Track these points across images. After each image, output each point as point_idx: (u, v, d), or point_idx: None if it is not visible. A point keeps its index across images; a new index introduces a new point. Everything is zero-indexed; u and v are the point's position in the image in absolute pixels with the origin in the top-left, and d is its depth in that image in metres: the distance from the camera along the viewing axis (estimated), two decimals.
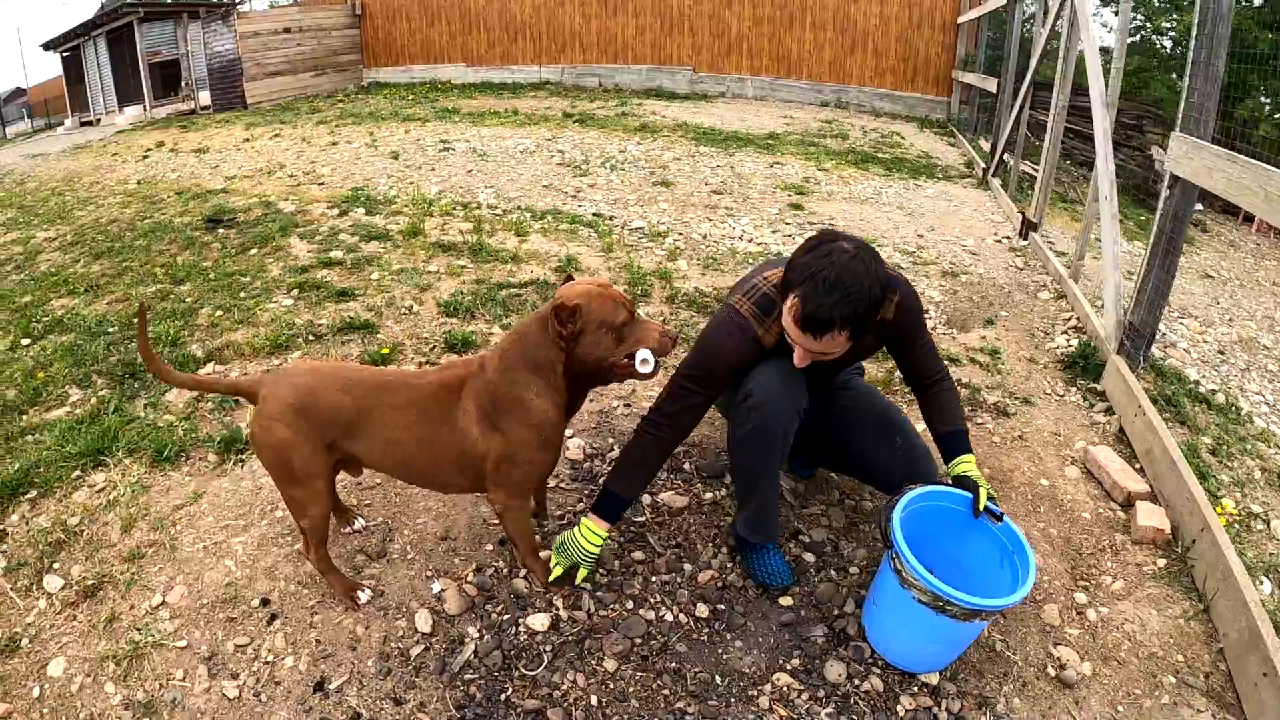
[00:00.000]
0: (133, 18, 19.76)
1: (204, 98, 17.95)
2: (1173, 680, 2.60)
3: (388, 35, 18.59)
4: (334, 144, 10.52)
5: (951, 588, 2.27)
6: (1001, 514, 2.56)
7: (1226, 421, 4.30)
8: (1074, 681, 2.57)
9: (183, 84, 19.94)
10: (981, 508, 2.55)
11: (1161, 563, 3.11)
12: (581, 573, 2.68)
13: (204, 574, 2.83)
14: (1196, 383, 4.68)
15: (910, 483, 2.63)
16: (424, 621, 2.60)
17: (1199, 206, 9.77)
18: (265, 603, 2.70)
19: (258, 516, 3.11)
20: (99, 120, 21.52)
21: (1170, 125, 4.13)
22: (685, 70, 16.30)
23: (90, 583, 2.80)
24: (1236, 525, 3.34)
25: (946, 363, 4.17)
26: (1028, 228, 7.06)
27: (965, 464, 2.70)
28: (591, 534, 2.63)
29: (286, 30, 17.29)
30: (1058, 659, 2.65)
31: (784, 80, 15.89)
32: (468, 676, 2.43)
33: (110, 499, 3.22)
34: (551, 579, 2.67)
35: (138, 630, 2.61)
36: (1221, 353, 5.53)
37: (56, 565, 2.91)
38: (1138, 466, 3.68)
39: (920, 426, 3.04)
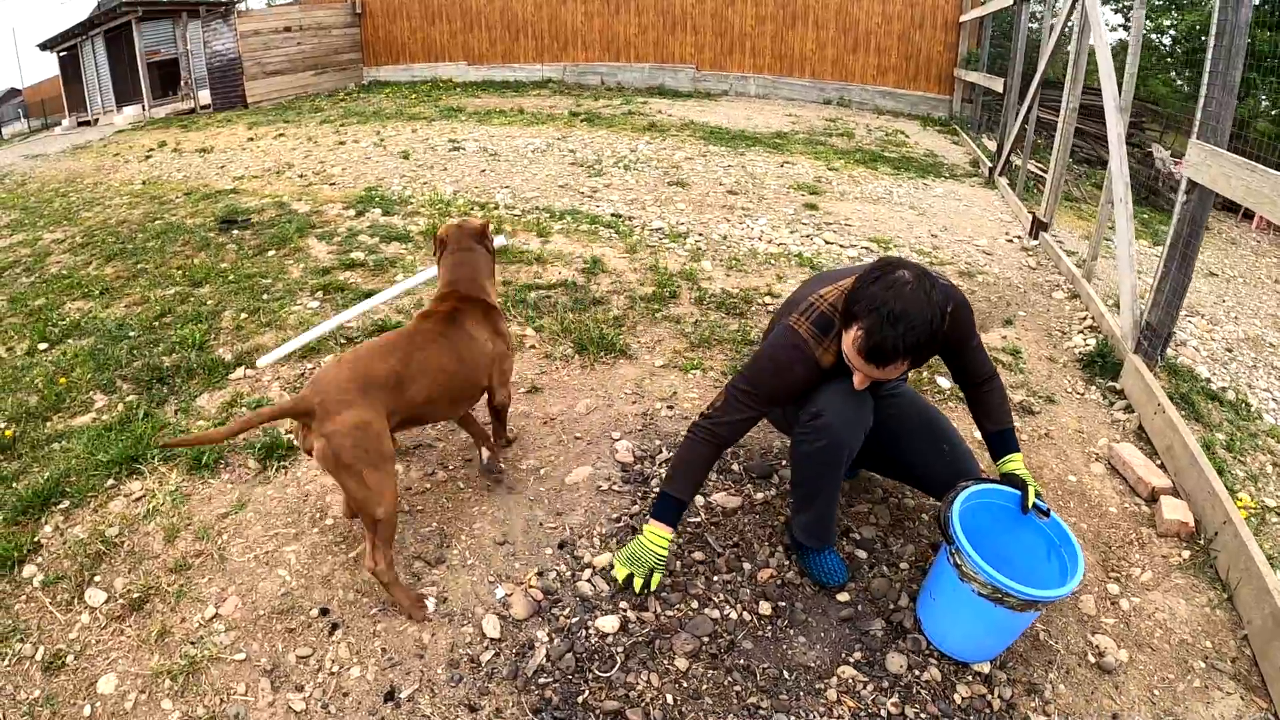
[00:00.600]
0: (131, 17, 19.68)
1: (204, 97, 17.90)
2: (1202, 665, 2.70)
3: (388, 34, 18.58)
4: (341, 143, 10.52)
5: (1011, 580, 2.35)
6: (1048, 510, 2.65)
7: (1238, 418, 4.39)
8: (1113, 668, 2.67)
9: (182, 83, 19.87)
10: (1030, 504, 2.64)
11: (1186, 554, 3.18)
12: (655, 578, 2.71)
13: (257, 584, 2.81)
14: (1208, 380, 4.77)
15: (960, 481, 2.70)
16: (492, 627, 2.61)
17: None
18: (325, 612, 2.69)
19: (308, 524, 3.09)
20: (96, 120, 21.45)
21: (1169, 123, 4.19)
22: (688, 69, 16.32)
23: (136, 595, 2.76)
24: (1254, 519, 3.42)
25: None
26: (1038, 227, 7.10)
27: (1014, 462, 2.80)
28: (658, 538, 2.69)
29: (287, 29, 17.26)
30: (1097, 647, 2.73)
31: (786, 79, 15.93)
32: (542, 680, 2.44)
33: (149, 508, 3.19)
34: (630, 586, 2.74)
35: (192, 644, 2.57)
36: (1229, 350, 5.60)
37: (98, 578, 2.86)
38: (1159, 463, 3.75)
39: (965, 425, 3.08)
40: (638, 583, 2.69)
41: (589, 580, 2.80)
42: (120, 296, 5.42)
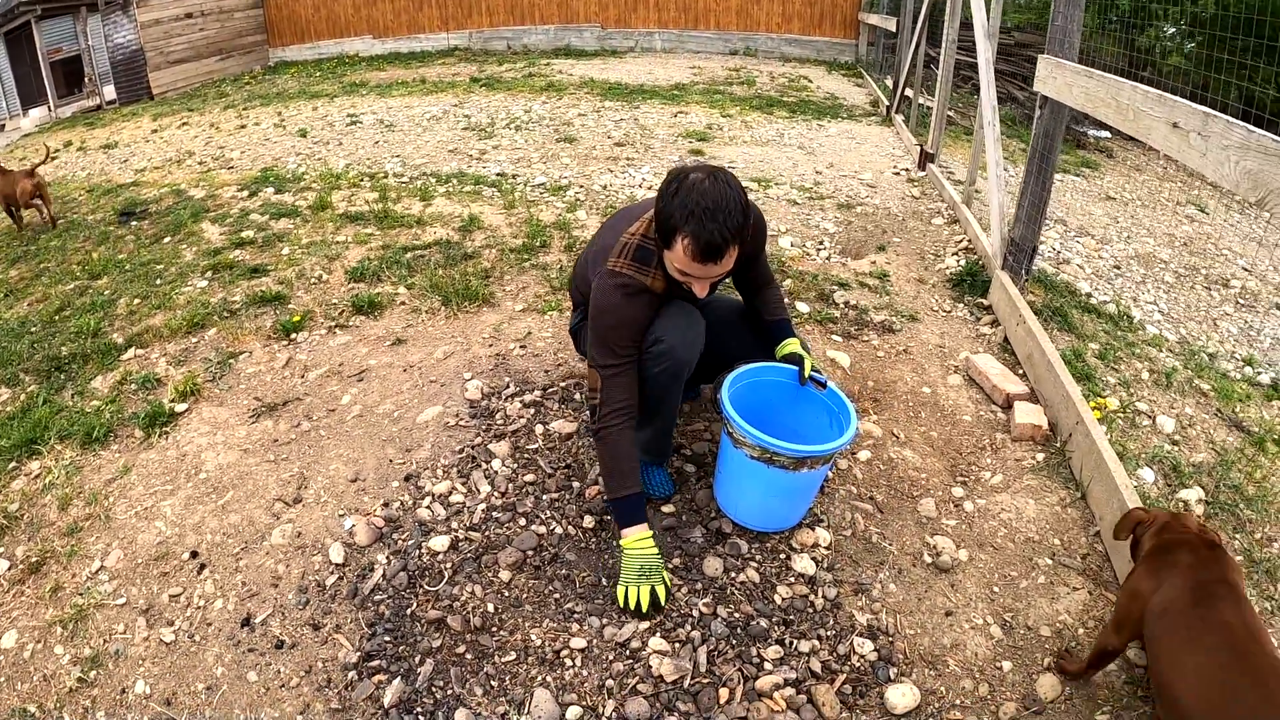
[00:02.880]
0: (30, 16, 19.23)
1: (109, 92, 17.59)
2: (1049, 562, 2.84)
3: (292, 12, 18.26)
4: (242, 127, 10.54)
5: (774, 438, 2.54)
6: (825, 382, 2.84)
7: (1117, 329, 4.55)
8: (949, 567, 2.81)
9: (86, 80, 19.53)
10: (807, 375, 2.83)
11: (1040, 457, 3.36)
12: (665, 585, 2.65)
13: (137, 537, 3.06)
14: (1088, 295, 4.95)
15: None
16: (337, 554, 2.85)
17: (1105, 134, 10.09)
18: (194, 555, 2.94)
19: (184, 480, 3.34)
20: (3, 126, 21.04)
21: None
22: (593, 27, 16.37)
23: (34, 560, 3.00)
24: (1122, 421, 3.58)
25: (835, 287, 4.51)
26: (925, 159, 7.32)
27: (791, 344, 2.97)
28: (642, 542, 2.65)
29: (188, 15, 16.99)
30: (934, 547, 2.89)
31: (692, 31, 16.03)
32: (377, 597, 2.68)
33: (46, 483, 3.42)
34: (656, 604, 2.61)
35: (80, 595, 2.82)
36: (1117, 267, 5.77)
37: (1, 550, 3.10)
38: (1020, 372, 3.93)
39: None
40: (661, 591, 2.60)
41: (428, 506, 3.03)
42: (24, 297, 5.54)
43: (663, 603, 2.61)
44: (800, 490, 2.76)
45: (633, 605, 2.57)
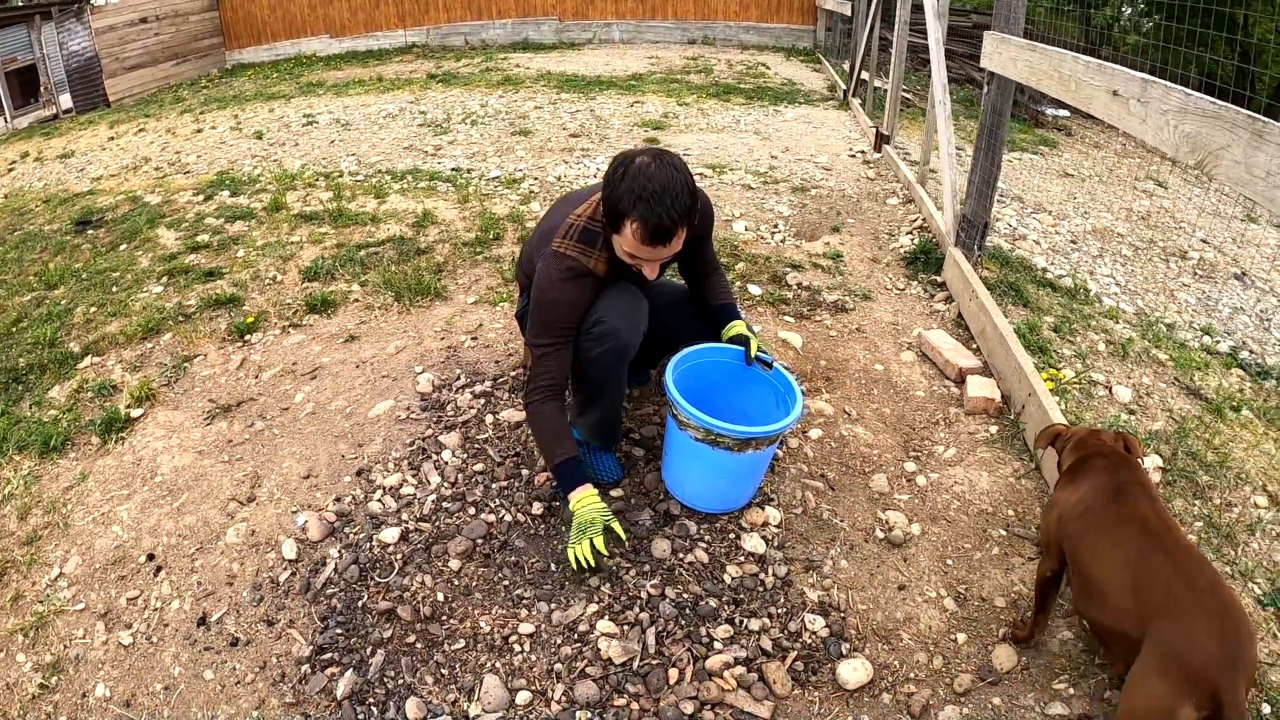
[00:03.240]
0: None
1: (65, 101, 17.38)
2: (1003, 533, 2.89)
3: (248, 14, 18.02)
4: (199, 131, 10.44)
5: (718, 420, 2.57)
6: (771, 362, 2.88)
7: (1073, 302, 4.61)
8: (901, 541, 2.85)
9: (42, 89, 19.33)
10: (753, 356, 2.86)
11: (994, 430, 3.41)
12: (617, 526, 2.66)
13: (95, 542, 3.07)
14: (1044, 270, 5.01)
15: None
16: (290, 550, 2.88)
17: (1064, 112, 10.19)
18: (151, 557, 2.96)
19: (139, 484, 3.35)
20: None
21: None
22: (551, 20, 16.34)
23: None
24: (1078, 392, 3.63)
25: (789, 269, 4.55)
26: (881, 141, 7.39)
27: (737, 326, 3.00)
28: (586, 497, 2.66)
29: (143, 20, 16.82)
30: (886, 522, 2.93)
31: (650, 21, 16.03)
32: (329, 591, 2.71)
33: (5, 494, 3.42)
34: (599, 558, 2.63)
35: (40, 603, 2.84)
36: (1074, 242, 5.84)
37: None
38: (974, 347, 3.98)
39: None
40: (599, 541, 2.59)
41: (379, 500, 3.06)
42: None
43: (622, 537, 2.66)
44: (746, 471, 2.79)
45: (587, 556, 2.58)
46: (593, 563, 2.59)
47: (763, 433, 2.60)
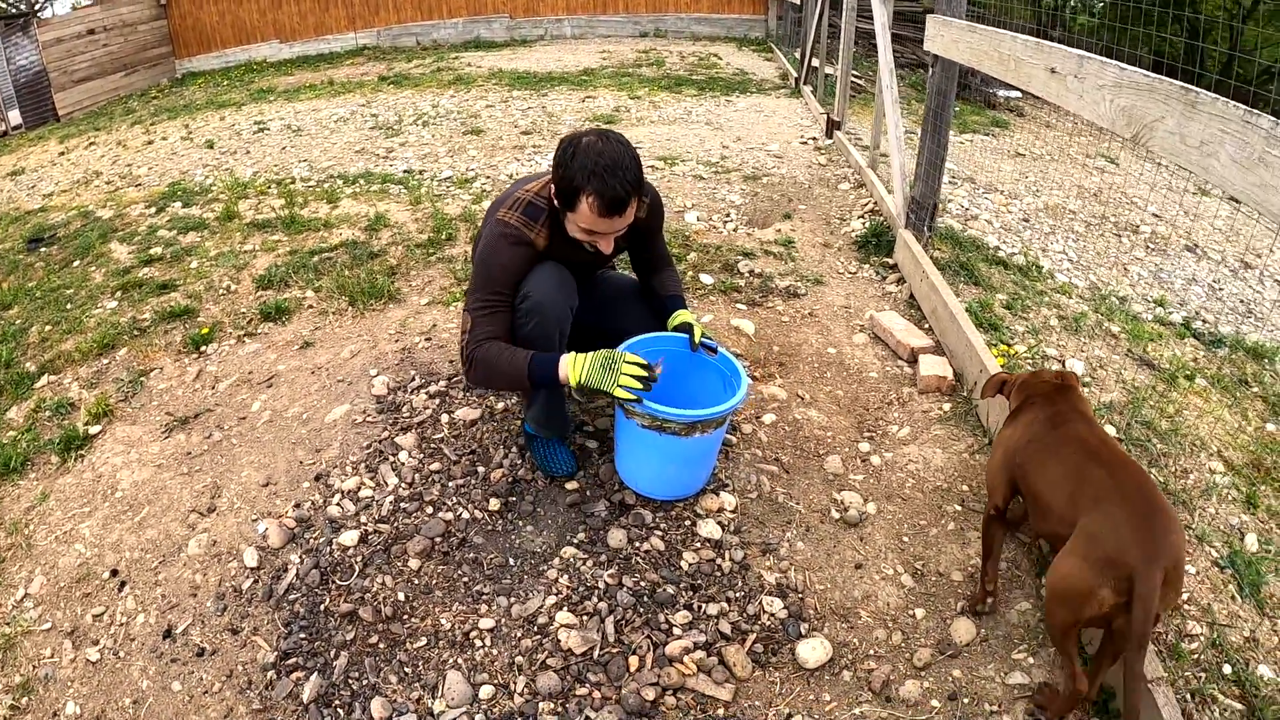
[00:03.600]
0: None
1: (14, 117, 17.08)
2: (959, 508, 2.95)
3: (196, 21, 17.85)
4: (150, 143, 10.36)
5: (662, 405, 2.60)
6: (715, 347, 2.93)
7: (1025, 279, 4.68)
8: (857, 521, 2.90)
9: None
10: (698, 341, 2.91)
11: (947, 407, 3.47)
12: (628, 354, 2.63)
13: (58, 561, 3.07)
14: (996, 248, 5.08)
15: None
16: (251, 558, 2.89)
17: (1015, 94, 10.28)
18: (115, 573, 2.97)
19: (100, 501, 3.35)
20: None
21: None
22: (502, 18, 16.34)
23: None
24: (1030, 366, 3.66)
25: (740, 257, 4.60)
26: (832, 127, 7.47)
27: (683, 315, 3.03)
28: (580, 358, 2.62)
29: (91, 32, 16.60)
30: (841, 503, 2.98)
31: (602, 16, 16.08)
32: (292, 597, 2.73)
33: None
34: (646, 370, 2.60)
35: (6, 624, 2.84)
36: (1026, 220, 5.93)
37: None
38: (926, 326, 4.04)
39: None
40: (631, 366, 2.58)
41: (338, 504, 3.08)
42: None
43: (656, 371, 2.63)
44: (697, 456, 2.83)
45: (634, 394, 2.55)
46: (644, 376, 2.57)
47: (707, 415, 2.63)
